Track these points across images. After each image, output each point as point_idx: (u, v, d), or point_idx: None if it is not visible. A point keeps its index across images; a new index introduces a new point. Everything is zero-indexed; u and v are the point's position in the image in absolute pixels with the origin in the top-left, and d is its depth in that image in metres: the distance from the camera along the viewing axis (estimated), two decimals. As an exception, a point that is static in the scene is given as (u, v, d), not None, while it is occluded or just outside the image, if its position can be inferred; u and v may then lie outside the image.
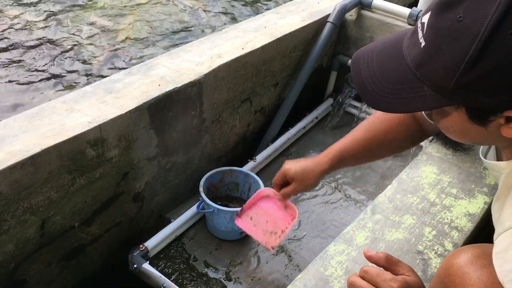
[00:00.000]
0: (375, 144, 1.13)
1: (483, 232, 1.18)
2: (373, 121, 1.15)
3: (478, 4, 0.58)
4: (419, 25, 0.66)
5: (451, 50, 0.60)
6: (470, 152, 1.28)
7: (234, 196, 1.71)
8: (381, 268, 0.75)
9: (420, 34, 0.65)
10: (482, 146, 0.92)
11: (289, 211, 1.31)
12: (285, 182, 1.25)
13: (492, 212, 0.82)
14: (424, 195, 1.13)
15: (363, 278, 0.74)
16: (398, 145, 1.16)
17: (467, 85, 0.61)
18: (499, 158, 0.85)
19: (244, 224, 1.35)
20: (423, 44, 0.64)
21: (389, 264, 0.75)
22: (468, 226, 1.07)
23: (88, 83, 2.68)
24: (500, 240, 0.68)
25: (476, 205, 1.12)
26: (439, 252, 1.00)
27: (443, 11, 0.62)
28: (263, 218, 1.34)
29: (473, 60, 0.59)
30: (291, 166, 1.22)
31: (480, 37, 0.57)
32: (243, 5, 3.91)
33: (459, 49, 0.60)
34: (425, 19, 0.65)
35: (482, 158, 0.90)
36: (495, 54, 0.58)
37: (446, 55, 0.61)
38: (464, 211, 1.10)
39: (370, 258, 0.77)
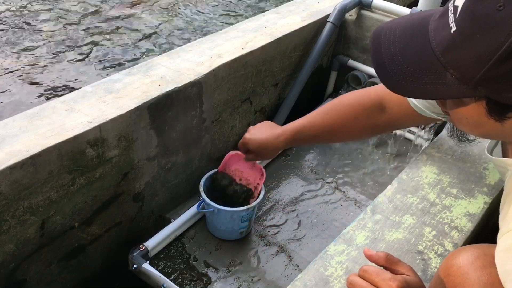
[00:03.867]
0: (331, 130, 1.20)
1: (483, 232, 1.18)
2: (334, 106, 1.19)
3: None
4: (451, 8, 0.62)
5: (485, 40, 0.57)
6: (470, 152, 1.28)
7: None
8: (381, 268, 0.75)
9: (451, 18, 0.61)
10: (488, 143, 0.91)
11: (257, 168, 1.54)
12: (248, 150, 1.41)
13: (500, 209, 0.81)
14: (424, 195, 1.13)
15: (362, 277, 0.74)
16: (355, 135, 1.23)
17: (495, 78, 0.58)
18: (504, 155, 0.84)
19: None
20: (453, 29, 0.60)
21: (389, 263, 0.75)
22: (468, 226, 1.07)
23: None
24: (503, 240, 0.68)
25: (476, 205, 1.12)
26: (439, 252, 1.00)
27: None
28: (236, 177, 1.57)
29: (507, 54, 0.56)
30: (251, 137, 1.36)
31: None
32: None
33: (494, 40, 0.56)
34: (459, 2, 0.61)
35: (488, 154, 0.88)
36: None
37: (479, 44, 0.58)
38: (464, 211, 1.10)
39: (370, 258, 0.77)
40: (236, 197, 1.56)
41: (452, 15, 0.61)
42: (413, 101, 1.04)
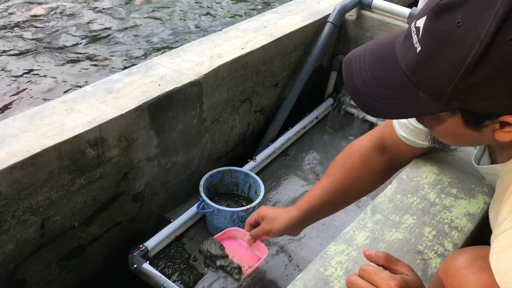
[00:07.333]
0: (343, 189, 1.16)
1: (483, 232, 1.18)
2: (337, 166, 1.18)
3: (477, 10, 0.57)
4: (413, 29, 0.65)
5: (449, 56, 0.60)
6: (470, 153, 1.28)
7: (235, 193, 1.71)
8: (381, 267, 0.75)
9: (415, 39, 0.64)
10: (474, 154, 0.93)
11: (256, 253, 1.34)
12: (257, 223, 1.28)
13: (490, 215, 0.82)
14: (424, 195, 1.13)
15: (361, 276, 0.74)
16: (367, 187, 1.20)
17: (464, 90, 0.60)
18: (493, 161, 0.85)
19: None
20: (418, 49, 0.63)
21: (388, 263, 0.76)
22: (468, 226, 1.07)
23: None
24: (496, 242, 0.69)
25: (476, 205, 1.12)
26: (439, 252, 1.00)
27: (440, 15, 0.61)
28: (230, 254, 1.35)
29: (473, 66, 0.58)
30: (265, 208, 1.27)
31: (480, 43, 0.57)
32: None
33: (457, 55, 0.59)
34: (420, 23, 0.63)
35: (475, 165, 0.91)
36: (494, 60, 0.57)
37: (444, 60, 0.60)
38: (464, 211, 1.10)
39: (369, 257, 0.78)
40: (222, 271, 1.37)
41: (415, 36, 0.64)
42: (402, 135, 1.06)
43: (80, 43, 3.17)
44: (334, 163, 1.19)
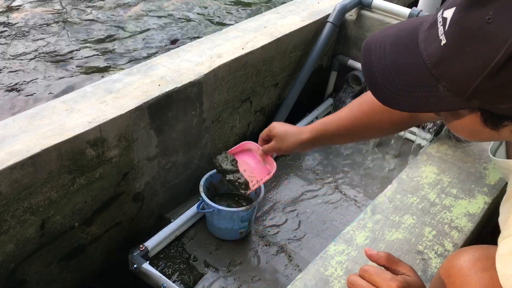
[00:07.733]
0: (358, 125, 1.16)
1: (483, 232, 1.18)
2: (360, 102, 1.17)
3: (510, 7, 0.55)
4: (440, 19, 0.62)
5: (476, 53, 0.57)
6: (470, 152, 1.28)
7: (235, 193, 1.71)
8: (382, 268, 0.75)
9: (440, 30, 0.61)
10: (491, 145, 0.91)
11: (267, 166, 1.43)
12: (269, 139, 1.34)
13: (500, 212, 0.81)
14: (424, 195, 1.14)
15: (362, 277, 0.74)
16: (382, 130, 1.19)
17: (488, 90, 0.58)
18: (509, 156, 0.84)
19: None
20: (443, 41, 0.60)
21: (389, 263, 0.75)
22: (468, 226, 1.07)
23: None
24: (504, 243, 0.68)
25: (476, 205, 1.12)
26: (439, 252, 1.00)
27: (471, 9, 0.58)
28: (242, 167, 1.46)
29: (499, 67, 0.56)
30: (277, 125, 1.30)
31: (510, 44, 0.54)
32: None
33: (485, 53, 0.56)
34: (448, 14, 0.60)
35: (491, 156, 0.89)
36: None
37: (470, 57, 0.58)
38: (464, 211, 1.10)
39: (370, 257, 0.77)
40: (231, 185, 1.48)
41: (442, 27, 0.61)
42: None
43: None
44: (358, 99, 1.19)
